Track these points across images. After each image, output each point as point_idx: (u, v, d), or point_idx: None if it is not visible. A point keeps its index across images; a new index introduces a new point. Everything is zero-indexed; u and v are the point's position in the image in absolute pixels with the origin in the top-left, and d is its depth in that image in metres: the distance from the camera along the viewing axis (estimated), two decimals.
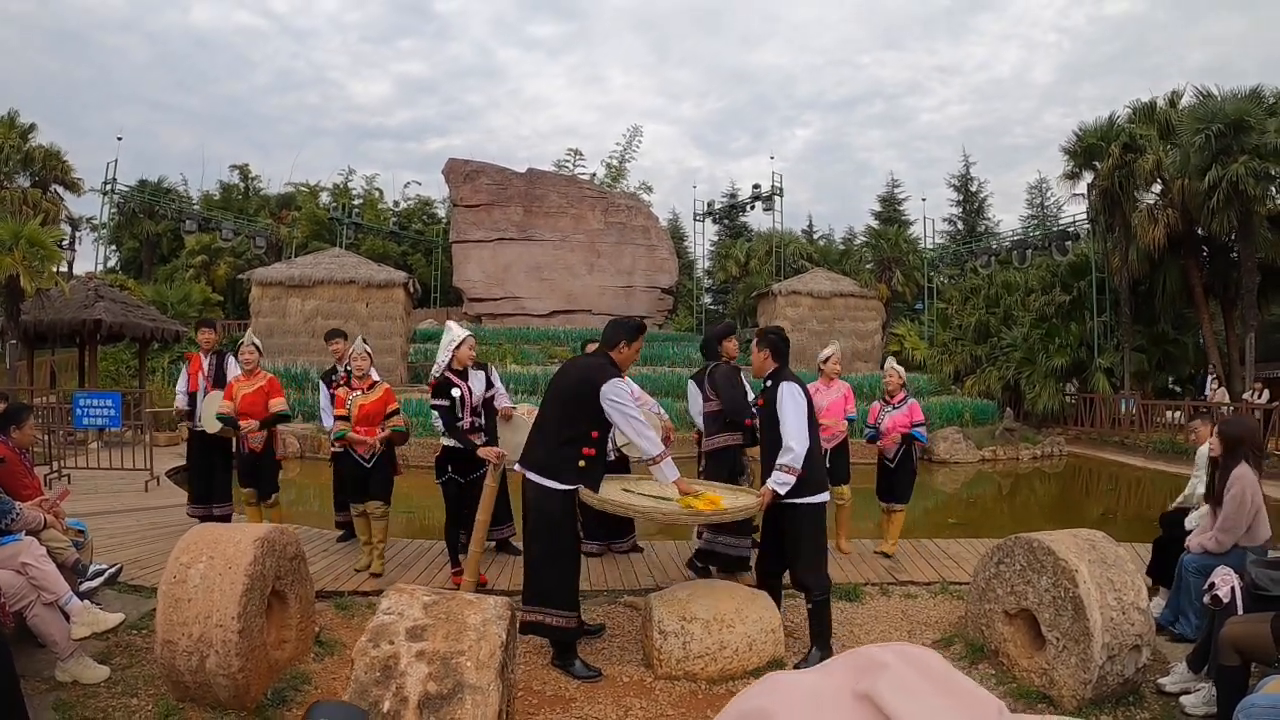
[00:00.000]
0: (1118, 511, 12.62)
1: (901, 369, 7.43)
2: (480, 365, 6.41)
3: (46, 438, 11.30)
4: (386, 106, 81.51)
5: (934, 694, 0.52)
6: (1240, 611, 3.89)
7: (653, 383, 20.66)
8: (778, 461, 4.81)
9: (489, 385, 6.28)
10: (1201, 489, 5.72)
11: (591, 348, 6.01)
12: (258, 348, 7.25)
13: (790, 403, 4.86)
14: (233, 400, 7.02)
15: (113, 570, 5.22)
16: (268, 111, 77.81)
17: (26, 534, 4.53)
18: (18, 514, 4.54)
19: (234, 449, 7.44)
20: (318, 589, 5.51)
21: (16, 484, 4.99)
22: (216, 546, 4.05)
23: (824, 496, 5.01)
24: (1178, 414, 17.56)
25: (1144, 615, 4.05)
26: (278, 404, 7.15)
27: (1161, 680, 4.37)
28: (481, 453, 5.72)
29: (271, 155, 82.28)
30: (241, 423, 6.93)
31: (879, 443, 7.25)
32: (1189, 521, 5.56)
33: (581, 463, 4.74)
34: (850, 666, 0.59)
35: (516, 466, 5.02)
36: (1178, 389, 19.98)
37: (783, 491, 4.79)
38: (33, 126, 29.22)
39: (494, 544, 6.82)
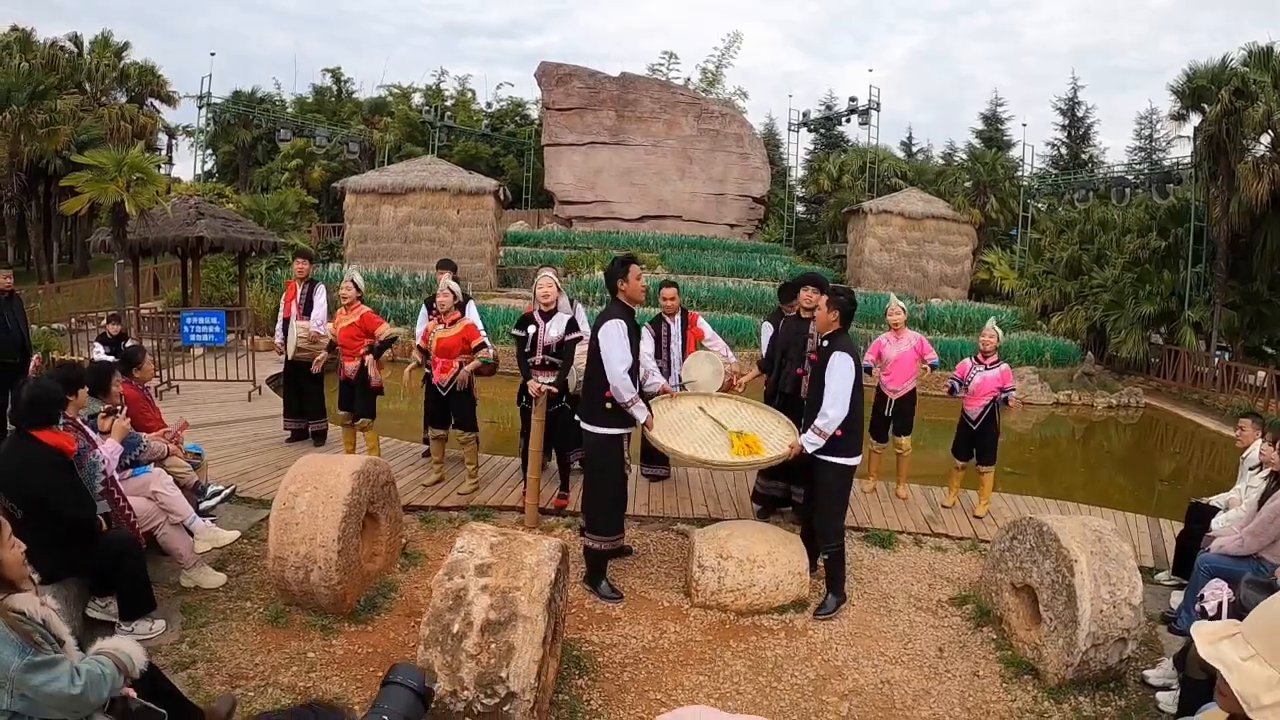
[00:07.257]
0: (1187, 473, 12.37)
1: (1000, 331, 7.25)
2: (571, 307, 6.83)
3: (155, 345, 12.19)
4: (483, 4, 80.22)
5: None
6: None
7: (737, 296, 20.66)
8: (814, 423, 5.03)
9: (572, 329, 6.56)
10: (1234, 495, 5.70)
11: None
12: (356, 284, 7.39)
13: (840, 371, 4.98)
14: (334, 329, 7.45)
15: (227, 492, 6.06)
16: (363, 9, 77.38)
17: (154, 464, 5.24)
18: (145, 446, 5.25)
19: (328, 374, 7.94)
20: (404, 503, 6.01)
21: (142, 418, 5.68)
22: (320, 478, 4.75)
23: (855, 460, 5.22)
24: (1261, 376, 16.86)
25: (1134, 611, 4.30)
26: (384, 330, 7.24)
27: (1147, 671, 4.56)
28: (529, 385, 6.28)
29: (365, 55, 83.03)
30: (344, 358, 7.31)
31: (963, 400, 7.17)
32: (1215, 523, 5.48)
33: (608, 405, 5.14)
34: (678, 715, 1.21)
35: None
36: (1269, 349, 19.13)
37: (810, 450, 5.06)
38: (127, 44, 30.50)
39: (576, 464, 7.05)
